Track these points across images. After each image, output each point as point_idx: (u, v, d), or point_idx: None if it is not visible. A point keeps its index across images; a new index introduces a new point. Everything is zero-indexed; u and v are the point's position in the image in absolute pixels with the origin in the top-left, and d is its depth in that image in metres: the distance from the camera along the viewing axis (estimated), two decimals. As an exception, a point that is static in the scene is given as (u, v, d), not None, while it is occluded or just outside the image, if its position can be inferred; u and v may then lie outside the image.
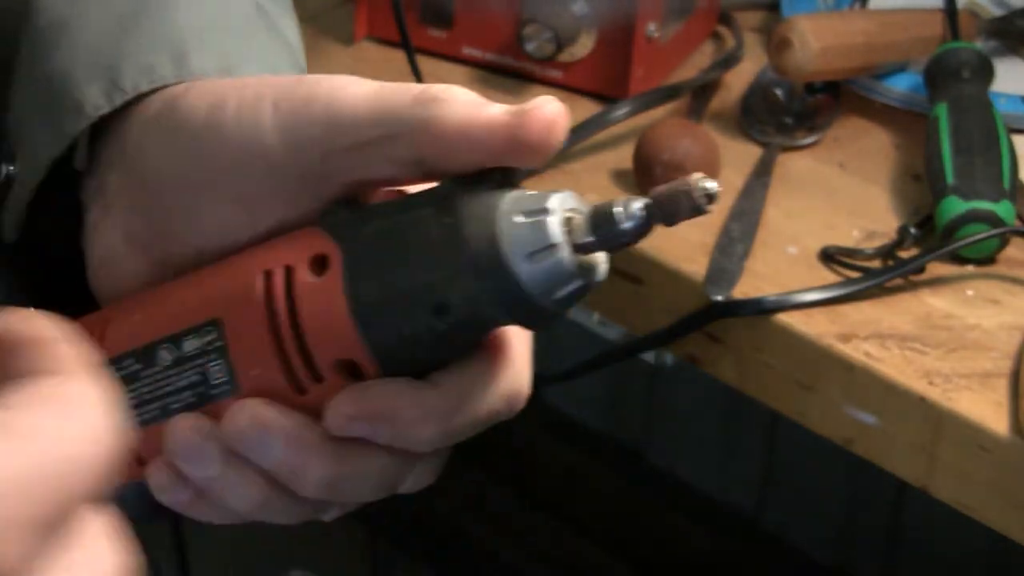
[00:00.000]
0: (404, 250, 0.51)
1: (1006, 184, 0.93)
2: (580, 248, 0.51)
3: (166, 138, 0.58)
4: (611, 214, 0.51)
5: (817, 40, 1.01)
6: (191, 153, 0.57)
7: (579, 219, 0.51)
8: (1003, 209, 0.91)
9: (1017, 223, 0.93)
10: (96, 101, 0.60)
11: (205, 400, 0.54)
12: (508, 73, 1.08)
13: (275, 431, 0.53)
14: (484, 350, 0.54)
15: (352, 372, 0.53)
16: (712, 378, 0.92)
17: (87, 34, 0.62)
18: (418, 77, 1.03)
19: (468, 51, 1.09)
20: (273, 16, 0.67)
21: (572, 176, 0.98)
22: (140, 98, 0.60)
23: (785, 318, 0.87)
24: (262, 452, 0.53)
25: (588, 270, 0.52)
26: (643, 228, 0.51)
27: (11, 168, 0.62)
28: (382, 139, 0.53)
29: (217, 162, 0.56)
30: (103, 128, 0.61)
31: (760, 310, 0.88)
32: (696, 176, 0.51)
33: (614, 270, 0.89)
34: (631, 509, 1.69)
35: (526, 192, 0.52)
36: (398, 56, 1.06)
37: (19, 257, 0.64)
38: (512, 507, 1.69)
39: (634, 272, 0.93)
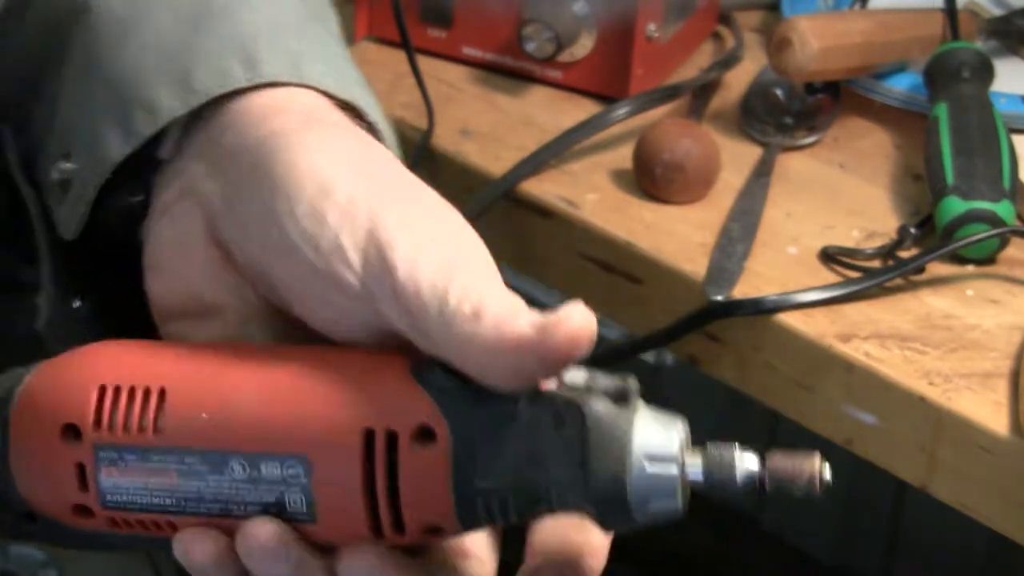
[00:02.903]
0: (519, 449, 0.52)
1: (1006, 184, 0.93)
2: (687, 483, 0.53)
3: (256, 160, 0.58)
4: (730, 467, 0.53)
5: (817, 40, 1.01)
6: (276, 187, 0.57)
7: (692, 457, 0.53)
8: (1003, 209, 0.91)
9: (1017, 223, 0.93)
10: (170, 103, 0.60)
11: (277, 517, 0.54)
12: (508, 73, 1.08)
13: None
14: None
15: (434, 531, 0.54)
16: (712, 378, 0.92)
17: (153, 35, 0.63)
18: (418, 77, 1.03)
19: (468, 51, 1.09)
20: (317, 7, 0.68)
21: (572, 176, 0.98)
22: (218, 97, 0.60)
23: (785, 318, 0.87)
24: None
25: (686, 499, 0.54)
26: (750, 487, 0.53)
27: (67, 166, 0.62)
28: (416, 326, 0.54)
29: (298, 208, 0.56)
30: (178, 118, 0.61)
31: (760, 310, 0.88)
32: (818, 461, 0.52)
33: (614, 270, 0.89)
34: (631, 509, 1.69)
35: (650, 420, 0.53)
36: (398, 56, 1.06)
37: (72, 249, 0.64)
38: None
39: (634, 272, 0.93)
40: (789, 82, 1.05)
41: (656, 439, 0.52)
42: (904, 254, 0.91)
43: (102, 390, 0.56)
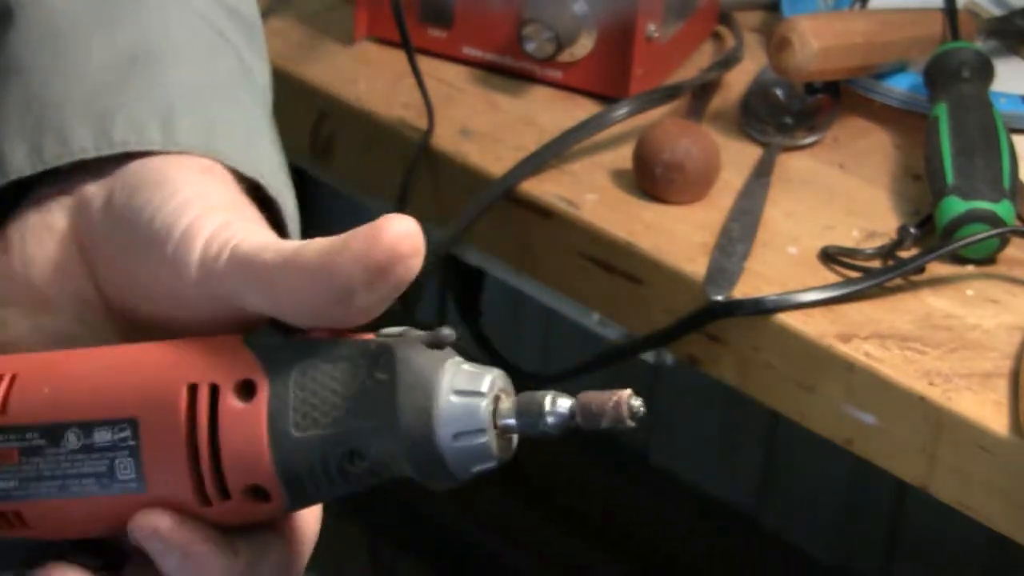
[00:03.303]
0: (334, 396, 0.53)
1: (1006, 184, 0.93)
2: (501, 429, 0.54)
3: (146, 174, 0.59)
4: (539, 406, 0.53)
5: (817, 40, 1.01)
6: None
7: (506, 402, 0.54)
8: (1003, 209, 0.91)
9: (1017, 223, 0.93)
10: (83, 143, 0.61)
11: (107, 490, 0.55)
12: (508, 73, 1.08)
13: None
14: (282, 527, 0.57)
15: (259, 495, 0.54)
16: (712, 378, 0.92)
17: (85, 66, 0.63)
18: (418, 77, 1.03)
19: (468, 51, 1.09)
20: (249, 62, 0.69)
21: (572, 176, 0.98)
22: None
23: (785, 318, 0.87)
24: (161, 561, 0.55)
25: (504, 449, 0.54)
26: (564, 427, 0.54)
27: None
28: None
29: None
30: None
31: (760, 310, 0.88)
32: (627, 392, 0.54)
33: (614, 270, 0.89)
34: (631, 509, 1.69)
35: (462, 365, 0.54)
36: (398, 56, 1.06)
37: None
38: (511, 507, 1.69)
39: (634, 272, 0.93)
40: (789, 82, 1.05)
41: (465, 378, 0.53)
42: (904, 254, 0.91)
43: None
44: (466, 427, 0.53)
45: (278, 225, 0.64)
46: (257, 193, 0.64)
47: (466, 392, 0.53)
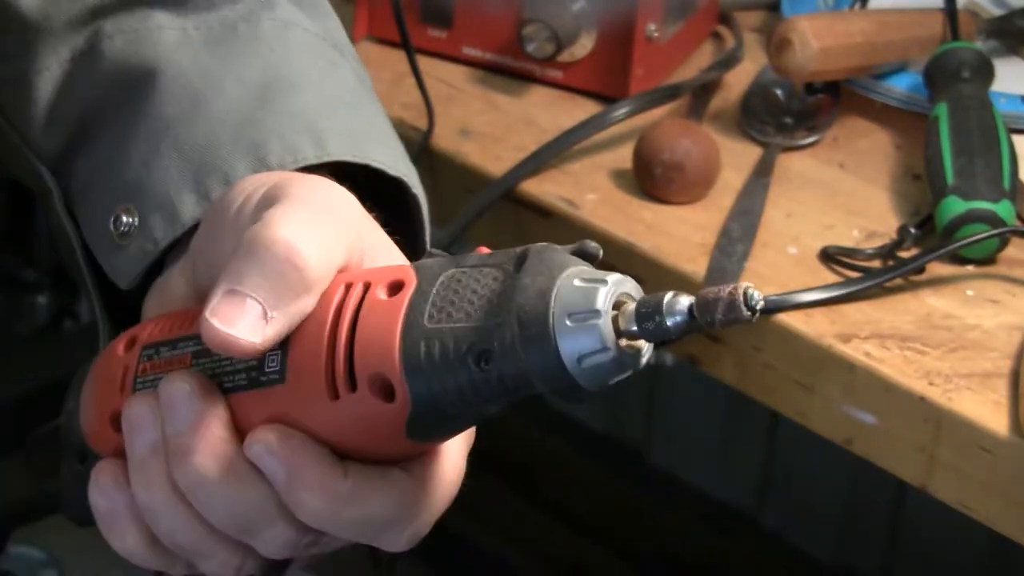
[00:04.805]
0: (473, 295, 0.54)
1: (1006, 184, 0.93)
2: (622, 333, 0.53)
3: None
4: (657, 306, 0.53)
5: (817, 40, 1.01)
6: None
7: (629, 306, 0.54)
8: (1003, 209, 0.91)
9: (1017, 223, 0.93)
10: (246, 175, 0.64)
11: (254, 385, 0.58)
12: (508, 73, 1.08)
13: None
14: (412, 466, 0.59)
15: (384, 393, 0.55)
16: (712, 378, 0.92)
17: (225, 107, 0.67)
18: (418, 77, 1.03)
19: (468, 51, 1.09)
20: (359, 68, 0.73)
21: (572, 176, 0.98)
22: None
23: (785, 318, 0.87)
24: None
25: (627, 353, 0.53)
26: (686, 327, 0.53)
27: (128, 220, 0.66)
28: None
29: None
30: None
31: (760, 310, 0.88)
32: (744, 284, 0.52)
33: (614, 270, 0.89)
34: (631, 509, 1.69)
35: (580, 274, 0.55)
36: (398, 56, 1.06)
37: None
38: (512, 507, 1.69)
39: (634, 272, 0.93)
40: (789, 82, 1.05)
41: (592, 272, 0.54)
42: (904, 254, 0.91)
43: None
44: (581, 308, 0.53)
45: (412, 215, 0.68)
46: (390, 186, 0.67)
47: (590, 279, 0.54)
